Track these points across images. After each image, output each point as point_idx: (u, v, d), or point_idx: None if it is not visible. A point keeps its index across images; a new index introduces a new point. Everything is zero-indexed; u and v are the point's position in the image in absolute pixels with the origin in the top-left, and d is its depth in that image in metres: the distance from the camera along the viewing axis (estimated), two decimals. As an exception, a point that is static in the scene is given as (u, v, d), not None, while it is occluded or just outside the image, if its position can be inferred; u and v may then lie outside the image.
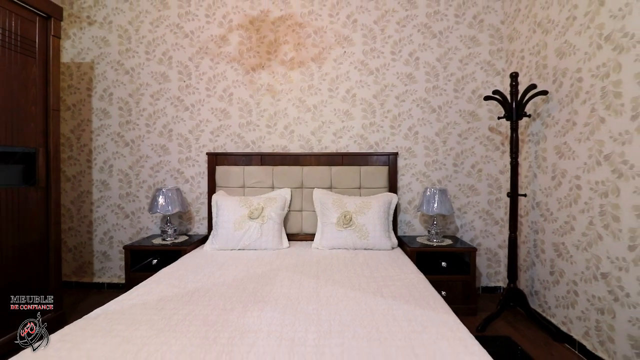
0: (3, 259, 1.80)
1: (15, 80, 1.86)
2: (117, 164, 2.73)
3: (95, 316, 1.31)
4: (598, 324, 1.71)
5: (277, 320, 1.25)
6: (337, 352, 1.04)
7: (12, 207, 1.85)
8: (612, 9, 1.63)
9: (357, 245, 2.26)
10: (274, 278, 1.73)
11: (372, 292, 1.54)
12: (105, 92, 2.72)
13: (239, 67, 2.67)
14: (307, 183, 2.59)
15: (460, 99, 2.63)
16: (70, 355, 1.03)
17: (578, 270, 1.84)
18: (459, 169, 2.65)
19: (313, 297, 1.47)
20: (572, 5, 1.90)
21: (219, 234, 2.30)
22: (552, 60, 2.07)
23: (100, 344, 1.10)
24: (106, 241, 2.75)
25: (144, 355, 1.03)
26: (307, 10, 2.65)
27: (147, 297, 1.49)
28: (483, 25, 2.62)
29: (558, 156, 2.01)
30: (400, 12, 2.63)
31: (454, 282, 2.23)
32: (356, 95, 2.66)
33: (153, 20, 2.69)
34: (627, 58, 1.55)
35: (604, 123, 1.67)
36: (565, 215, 1.95)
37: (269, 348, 1.06)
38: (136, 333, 1.16)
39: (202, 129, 2.69)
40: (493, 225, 2.64)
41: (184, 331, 1.17)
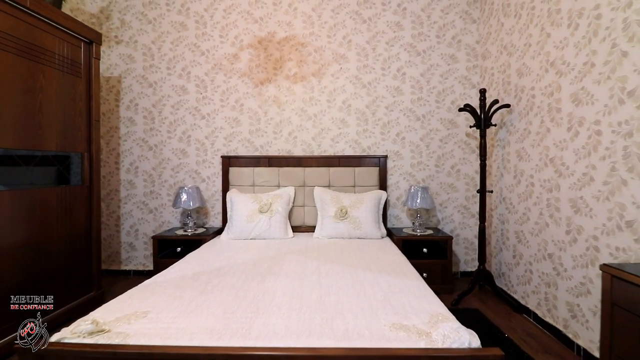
0: (57, 247, 2.18)
1: (66, 96, 2.24)
2: (141, 165, 3.11)
3: (148, 284, 1.69)
4: (546, 295, 2.10)
5: (289, 285, 1.64)
6: (334, 302, 1.43)
7: (64, 203, 2.23)
8: (555, 40, 2.03)
9: (352, 235, 2.66)
10: (283, 259, 2.12)
11: (363, 268, 1.93)
12: (131, 102, 3.10)
13: (249, 81, 3.06)
14: (309, 182, 2.98)
15: (441, 108, 3.03)
16: (140, 305, 1.41)
17: (532, 252, 2.24)
18: (440, 170, 3.04)
19: (315, 272, 1.86)
20: (528, 34, 2.30)
21: (233, 226, 2.68)
22: (514, 78, 2.47)
23: (159, 300, 1.48)
24: (132, 233, 3.13)
25: (193, 305, 1.41)
26: (308, 32, 3.04)
27: (183, 273, 1.87)
28: (461, 45, 3.02)
29: (518, 159, 2.41)
30: (389, 33, 3.03)
31: (434, 266, 2.63)
32: (351, 106, 3.05)
33: (173, 40, 3.07)
34: (565, 81, 1.95)
35: (549, 132, 2.07)
36: (523, 207, 2.35)
37: (284, 301, 1.45)
38: (183, 294, 1.55)
39: (216, 135, 3.08)
40: (470, 218, 3.04)
41: (219, 292, 1.56)
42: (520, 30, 2.40)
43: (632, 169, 1.52)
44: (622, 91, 1.57)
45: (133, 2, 3.08)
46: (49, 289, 2.09)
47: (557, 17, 2.02)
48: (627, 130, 1.54)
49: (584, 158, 1.80)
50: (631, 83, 1.52)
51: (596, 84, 1.72)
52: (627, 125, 1.54)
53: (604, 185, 1.66)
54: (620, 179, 1.57)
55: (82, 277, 2.38)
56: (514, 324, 2.18)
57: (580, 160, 1.82)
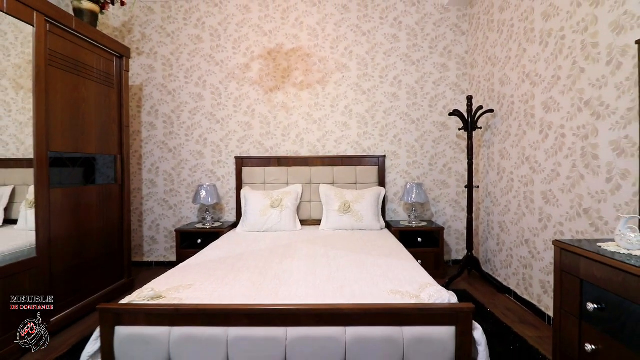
0: (96, 238, 2.48)
1: (102, 105, 2.54)
2: (162, 166, 3.41)
3: (183, 266, 2.00)
4: (524, 276, 2.42)
5: (303, 265, 1.96)
6: (342, 277, 1.74)
7: (101, 199, 2.53)
8: (530, 55, 2.35)
9: (354, 227, 2.97)
10: (295, 246, 2.43)
11: (365, 253, 2.24)
12: (152, 108, 3.40)
13: (260, 89, 3.37)
14: (315, 180, 3.29)
15: (434, 112, 3.34)
16: (183, 280, 1.71)
17: (512, 239, 2.56)
18: (434, 168, 3.36)
19: (324, 256, 2.17)
20: (508, 48, 2.62)
21: (247, 219, 2.99)
22: (497, 87, 2.79)
23: (197, 276, 1.78)
24: (154, 228, 3.43)
25: (227, 280, 1.72)
26: (313, 44, 3.35)
27: (211, 257, 2.18)
28: (451, 55, 3.34)
29: (501, 158, 2.73)
30: (386, 44, 3.34)
31: (428, 254, 2.94)
32: (352, 110, 3.36)
33: (190, 51, 3.38)
34: (537, 90, 2.27)
35: (525, 135, 2.39)
36: (505, 200, 2.66)
37: (301, 277, 1.76)
38: (215, 272, 1.86)
39: (230, 138, 3.39)
40: (460, 212, 3.35)
41: (246, 271, 1.87)
42: (502, 44, 2.72)
43: (587, 165, 1.83)
44: (581, 101, 1.88)
45: (153, 17, 3.39)
46: (90, 274, 2.39)
47: (531, 35, 2.33)
48: (584, 134, 1.86)
49: (552, 157, 2.11)
50: (587, 94, 1.84)
51: (561, 94, 2.03)
52: (584, 129, 1.86)
53: (567, 179, 1.98)
54: (579, 174, 1.89)
55: (116, 265, 2.68)
56: (496, 302, 2.50)
57: (549, 159, 2.14)
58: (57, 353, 1.85)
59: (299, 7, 3.35)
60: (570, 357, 1.38)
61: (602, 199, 1.73)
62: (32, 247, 1.93)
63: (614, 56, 1.66)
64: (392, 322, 1.32)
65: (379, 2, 3.33)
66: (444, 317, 1.32)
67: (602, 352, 1.22)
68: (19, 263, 1.84)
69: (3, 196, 2.05)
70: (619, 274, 1.14)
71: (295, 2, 3.35)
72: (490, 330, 2.01)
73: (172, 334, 1.32)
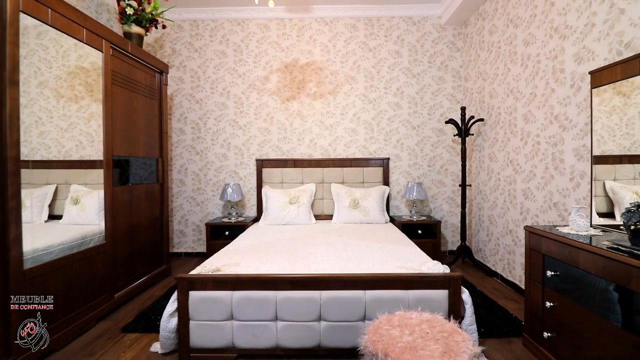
0: (144, 229, 2.89)
1: (148, 115, 2.95)
2: (190, 167, 3.83)
3: (224, 250, 2.42)
4: (508, 261, 2.85)
5: (324, 250, 2.37)
6: (357, 258, 2.16)
7: (147, 196, 2.94)
8: (513, 74, 2.77)
9: (362, 221, 3.39)
10: (313, 236, 2.85)
11: (374, 241, 2.66)
12: (182, 116, 3.81)
13: (277, 98, 3.78)
14: (327, 179, 3.71)
15: (432, 120, 3.77)
16: (230, 260, 2.13)
17: (499, 230, 2.99)
18: (432, 169, 3.79)
19: (340, 243, 2.59)
20: (496, 67, 3.04)
21: (269, 214, 3.41)
22: (487, 99, 3.22)
23: (239, 258, 2.20)
24: (182, 222, 3.85)
25: (265, 259, 2.14)
26: (325, 59, 3.77)
27: (244, 245, 2.60)
28: (448, 69, 3.77)
29: (490, 160, 3.16)
30: (390, 59, 3.76)
31: (427, 244, 3.36)
32: (360, 118, 3.79)
33: (216, 65, 3.79)
34: (519, 104, 2.70)
35: (510, 141, 2.82)
36: (493, 197, 3.09)
37: (324, 258, 2.18)
38: (253, 255, 2.27)
39: (251, 142, 3.80)
40: (455, 207, 3.78)
41: (277, 254, 2.29)
42: (491, 62, 3.15)
43: (556, 168, 2.26)
44: (551, 115, 2.31)
45: (182, 34, 3.80)
46: (140, 259, 2.80)
47: (514, 57, 2.76)
48: (554, 142, 2.28)
49: (530, 160, 2.54)
50: (556, 110, 2.27)
51: (537, 108, 2.46)
52: (554, 138, 2.29)
53: (541, 179, 2.41)
54: (550, 174, 2.32)
55: (157, 253, 3.10)
56: (485, 284, 2.93)
57: (528, 162, 2.56)
58: (125, 321, 2.27)
59: (313, 26, 3.77)
60: (536, 315, 1.81)
61: (567, 195, 2.16)
62: (84, 239, 2.22)
63: (576, 81, 2.09)
64: (400, 287, 1.74)
65: (384, 22, 3.76)
66: (440, 282, 1.75)
67: (557, 307, 1.65)
68: (93, 248, 2.25)
69: (47, 194, 2.38)
70: (568, 248, 1.56)
71: (310, 22, 3.77)
72: (479, 304, 2.44)
73: (234, 296, 1.74)
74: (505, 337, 2.02)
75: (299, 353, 1.75)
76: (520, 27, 2.67)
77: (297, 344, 1.74)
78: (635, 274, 1.22)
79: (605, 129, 1.80)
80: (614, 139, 1.77)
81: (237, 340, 1.74)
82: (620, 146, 1.75)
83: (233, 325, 1.75)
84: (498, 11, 3.00)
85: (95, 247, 2.27)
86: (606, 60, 1.86)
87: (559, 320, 1.64)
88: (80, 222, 2.36)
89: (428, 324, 1.21)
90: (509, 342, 1.97)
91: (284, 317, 1.73)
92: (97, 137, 2.36)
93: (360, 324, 1.71)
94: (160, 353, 1.85)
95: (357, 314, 1.72)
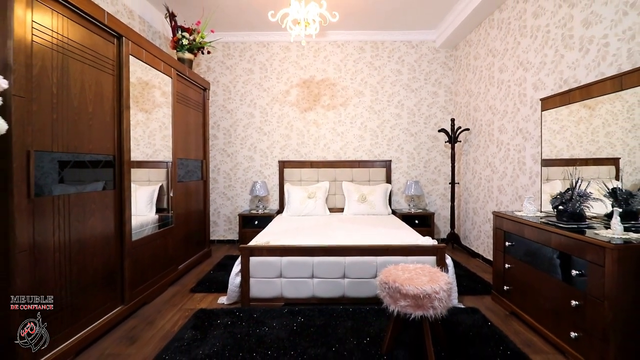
0: (194, 218, 3.56)
1: (197, 125, 3.63)
2: (222, 167, 4.50)
3: (263, 233, 3.09)
4: (488, 244, 3.54)
5: (342, 232, 3.06)
6: (368, 238, 2.85)
7: (196, 190, 3.61)
8: (492, 94, 3.47)
9: (369, 212, 4.07)
10: (330, 224, 3.53)
11: (380, 227, 3.34)
12: (215, 124, 4.49)
13: (297, 109, 4.47)
14: (338, 178, 4.40)
15: (427, 128, 4.46)
16: (270, 239, 2.81)
17: (481, 219, 3.68)
18: (427, 169, 4.48)
19: (352, 229, 3.27)
20: (479, 86, 3.74)
21: (291, 207, 4.08)
22: (472, 112, 3.91)
23: (276, 238, 2.87)
24: (215, 214, 4.52)
25: (298, 238, 2.81)
26: (337, 76, 4.46)
27: (277, 229, 3.27)
28: (441, 85, 4.46)
29: (474, 163, 3.86)
30: (392, 77, 4.46)
31: (422, 232, 4.03)
32: (367, 126, 4.47)
33: (244, 80, 4.47)
34: (495, 119, 3.39)
35: (488, 148, 3.52)
36: (476, 193, 3.79)
37: (344, 237, 2.86)
38: (287, 235, 2.95)
39: (274, 146, 4.48)
40: (446, 202, 4.47)
41: (305, 235, 2.96)
42: (475, 82, 3.84)
43: (520, 169, 2.96)
44: (518, 128, 3.00)
45: (215, 54, 4.47)
46: (191, 242, 3.48)
47: (492, 80, 3.46)
48: (519, 149, 2.98)
49: (502, 163, 3.24)
50: (521, 125, 2.96)
51: (508, 122, 3.16)
52: (519, 146, 2.98)
53: (510, 177, 3.11)
54: (516, 174, 3.01)
55: (201, 238, 3.77)
56: (469, 263, 3.62)
57: (502, 164, 3.26)
58: (190, 285, 2.94)
59: (327, 48, 4.45)
60: (499, 275, 2.50)
61: (527, 190, 2.86)
62: (162, 222, 2.96)
63: (533, 104, 2.79)
64: (402, 254, 2.43)
65: (387, 45, 4.45)
66: (430, 251, 2.44)
67: (513, 268, 2.34)
68: (168, 229, 2.92)
69: (155, 191, 3.04)
70: (518, 224, 2.26)
71: (324, 45, 4.45)
72: (463, 275, 3.12)
73: (282, 260, 2.42)
74: (480, 294, 2.71)
75: (329, 301, 2.44)
76: (497, 57, 3.37)
77: (328, 295, 2.43)
78: (553, 238, 1.91)
79: (574, 136, 2.50)
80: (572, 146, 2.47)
81: (284, 291, 2.43)
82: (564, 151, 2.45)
83: (282, 281, 2.43)
84: (480, 42, 3.69)
85: (169, 228, 2.95)
86: (552, 90, 2.56)
87: (514, 277, 2.33)
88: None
89: (421, 269, 1.89)
90: (482, 298, 2.66)
91: (318, 275, 2.42)
92: (166, 143, 3.04)
93: (373, 281, 2.40)
94: (226, 304, 2.53)
95: (371, 273, 2.41)
